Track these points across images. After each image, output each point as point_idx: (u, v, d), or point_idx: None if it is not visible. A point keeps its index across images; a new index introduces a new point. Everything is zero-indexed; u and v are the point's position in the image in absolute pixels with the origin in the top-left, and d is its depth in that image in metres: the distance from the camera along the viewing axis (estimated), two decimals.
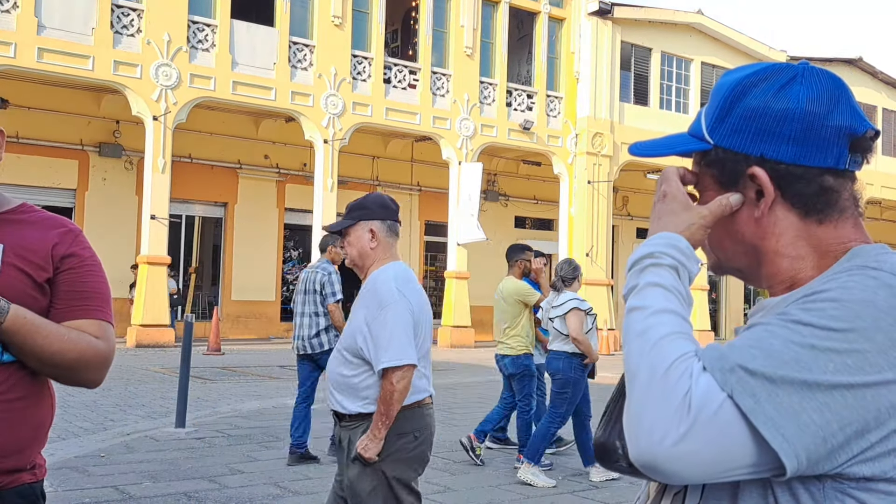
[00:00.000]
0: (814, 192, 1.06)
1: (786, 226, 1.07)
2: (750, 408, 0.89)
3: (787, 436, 0.89)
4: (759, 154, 1.06)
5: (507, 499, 5.87)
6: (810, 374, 0.90)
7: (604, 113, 25.00)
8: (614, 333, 23.64)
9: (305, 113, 20.53)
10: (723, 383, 0.91)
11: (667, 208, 1.11)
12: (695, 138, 1.12)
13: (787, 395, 0.90)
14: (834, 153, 1.06)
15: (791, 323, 0.94)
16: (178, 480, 6.04)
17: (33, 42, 17.20)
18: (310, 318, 7.17)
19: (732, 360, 0.92)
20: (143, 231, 18.64)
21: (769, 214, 1.07)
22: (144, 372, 13.45)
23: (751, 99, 1.06)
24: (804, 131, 1.05)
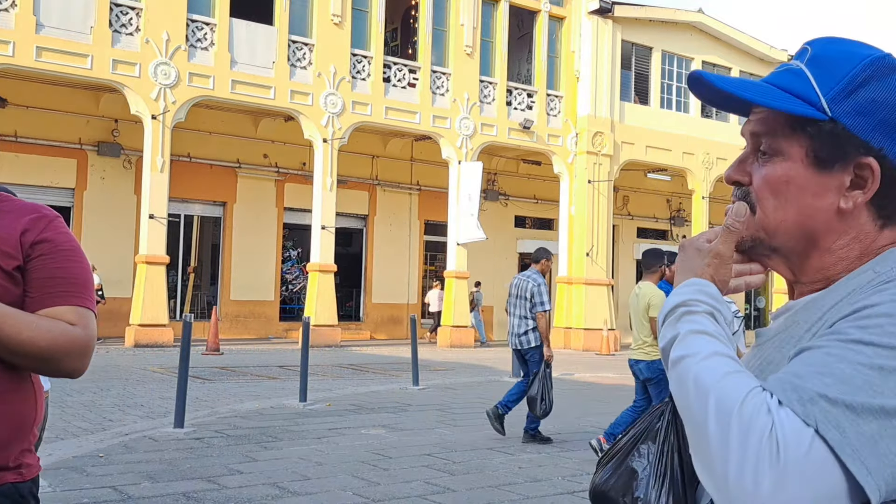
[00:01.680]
0: (894, 195, 1.00)
1: (857, 223, 1.01)
2: (837, 441, 0.82)
3: (869, 468, 0.82)
4: (880, 147, 0.98)
5: (507, 499, 5.84)
6: (884, 398, 0.84)
7: (604, 112, 24.97)
8: (614, 333, 23.61)
9: (305, 112, 20.49)
10: (805, 416, 0.83)
11: (683, 256, 1.08)
12: (800, 100, 1.01)
13: (867, 422, 0.83)
14: None
15: (852, 343, 0.87)
16: (176, 481, 6.01)
17: (32, 41, 17.16)
18: (519, 319, 8.33)
19: (810, 389, 0.85)
20: (142, 230, 18.60)
21: (851, 210, 1.00)
22: (143, 372, 13.42)
23: (882, 86, 0.99)
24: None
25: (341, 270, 22.30)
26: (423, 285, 26.31)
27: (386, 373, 14.66)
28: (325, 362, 16.11)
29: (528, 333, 8.24)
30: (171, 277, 21.29)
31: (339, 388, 11.99)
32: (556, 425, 9.11)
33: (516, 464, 6.99)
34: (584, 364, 18.60)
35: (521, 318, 8.31)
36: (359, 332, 24.20)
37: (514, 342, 8.37)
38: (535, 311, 8.17)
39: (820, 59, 1.02)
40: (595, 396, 12.16)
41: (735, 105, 1.09)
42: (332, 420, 8.93)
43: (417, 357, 12.51)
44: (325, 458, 6.94)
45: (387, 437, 8.06)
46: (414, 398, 11.03)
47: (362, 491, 5.87)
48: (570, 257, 24.66)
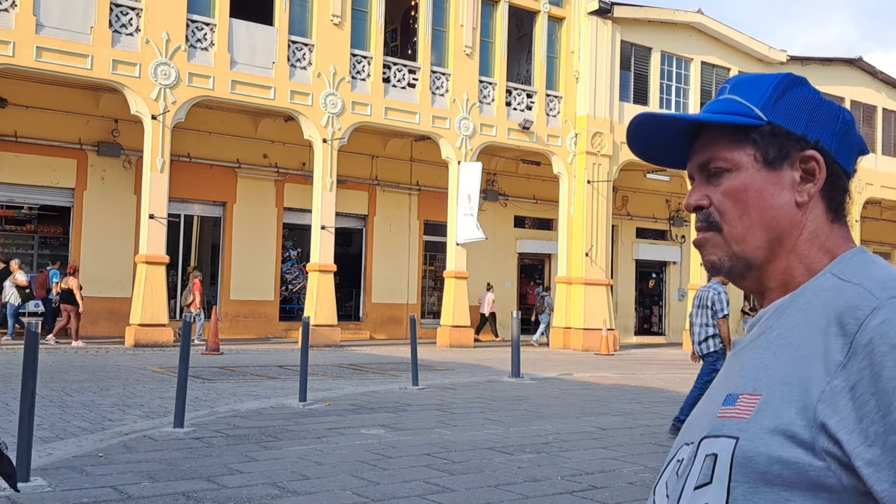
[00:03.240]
0: (842, 190, 1.11)
1: (814, 216, 1.10)
2: None
3: None
4: (817, 139, 1.09)
5: (506, 499, 5.85)
6: None
7: (603, 112, 24.98)
8: (613, 333, 23.62)
9: (304, 112, 20.51)
10: None
11: None
12: (737, 115, 1.12)
13: None
14: (853, 161, 1.12)
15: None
16: (176, 480, 6.02)
17: (32, 41, 17.17)
18: (700, 327, 8.97)
19: None
20: (142, 230, 18.61)
21: (807, 203, 1.09)
22: (143, 372, 13.43)
23: (799, 93, 1.11)
24: (844, 133, 1.11)
25: (341, 270, 22.31)
26: (423, 285, 26.32)
27: (386, 373, 14.67)
28: (325, 362, 16.12)
29: (708, 340, 8.87)
30: (171, 277, 21.30)
31: (339, 388, 12.00)
32: (555, 425, 9.13)
33: (516, 464, 7.00)
34: (584, 364, 18.62)
35: (702, 325, 8.93)
36: (358, 332, 24.21)
37: (696, 349, 9.02)
38: (717, 317, 8.85)
39: (740, 85, 1.15)
40: (594, 396, 12.17)
41: (672, 149, 1.20)
42: (331, 420, 8.94)
43: (417, 357, 12.52)
44: (325, 458, 6.96)
45: (386, 436, 8.08)
46: (414, 398, 11.05)
47: (362, 491, 5.88)
48: (569, 257, 24.67)
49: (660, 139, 1.20)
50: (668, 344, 29.05)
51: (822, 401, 0.95)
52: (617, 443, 8.15)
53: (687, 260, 29.89)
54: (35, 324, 6.01)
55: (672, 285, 31.22)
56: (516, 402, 10.99)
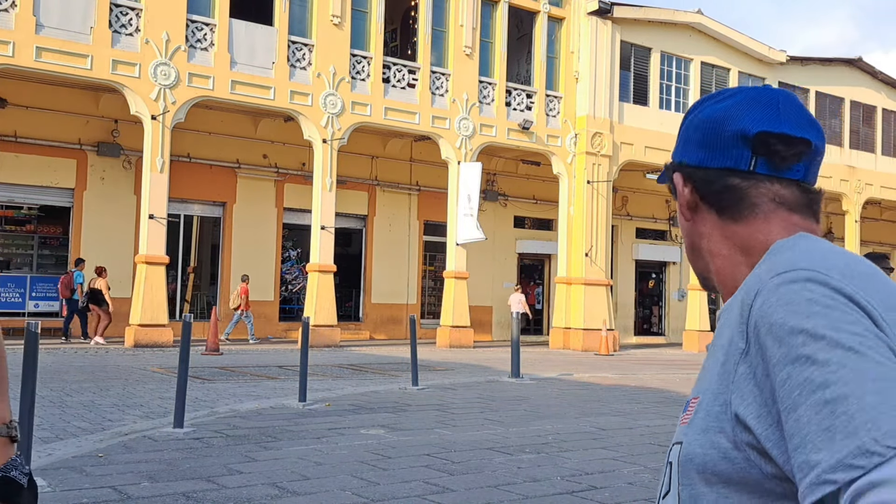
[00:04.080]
0: (718, 190, 1.13)
1: (710, 226, 1.15)
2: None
3: None
4: (680, 160, 1.18)
5: (506, 499, 5.85)
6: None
7: (603, 112, 24.98)
8: (613, 334, 23.62)
9: (304, 112, 20.50)
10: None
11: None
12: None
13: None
14: (732, 155, 1.12)
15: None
16: (176, 481, 6.02)
17: (32, 41, 17.17)
18: None
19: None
20: (142, 230, 18.61)
21: (699, 216, 1.16)
22: (142, 372, 13.43)
23: (688, 118, 1.19)
24: (712, 134, 1.14)
25: (341, 270, 22.31)
26: (423, 285, 26.32)
27: (385, 373, 14.67)
28: (325, 362, 16.12)
29: None
30: (171, 277, 21.30)
31: (339, 388, 12.00)
32: (555, 426, 9.13)
33: (516, 464, 7.00)
34: (584, 364, 18.62)
35: None
36: (358, 332, 24.21)
37: None
38: None
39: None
40: (594, 397, 12.18)
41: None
42: (331, 420, 8.94)
43: (417, 357, 12.52)
44: (325, 458, 6.96)
45: (386, 437, 8.08)
46: (413, 398, 11.05)
47: (361, 491, 5.88)
48: (569, 258, 24.67)
49: None
50: (668, 344, 29.05)
51: (732, 392, 0.97)
52: (617, 443, 8.15)
53: (686, 260, 29.86)
54: (35, 324, 6.00)
55: (672, 285, 31.22)
56: (516, 403, 10.99)
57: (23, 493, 1.71)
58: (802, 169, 1.11)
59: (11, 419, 1.69)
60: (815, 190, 1.13)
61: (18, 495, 1.71)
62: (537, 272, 29.30)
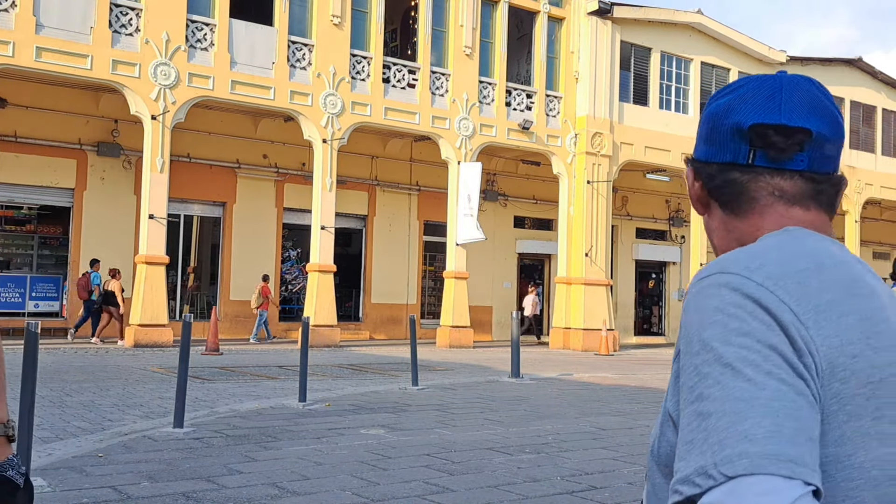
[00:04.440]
0: (720, 185, 1.13)
1: (717, 221, 1.16)
2: None
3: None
4: (689, 157, 1.19)
5: (506, 499, 5.85)
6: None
7: (603, 113, 24.98)
8: (613, 334, 23.62)
9: (304, 112, 20.51)
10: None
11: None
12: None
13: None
14: (731, 149, 1.11)
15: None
16: (176, 480, 6.02)
17: (32, 41, 17.17)
18: None
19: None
20: (142, 231, 18.61)
21: (710, 210, 1.17)
22: (142, 372, 13.43)
23: (705, 111, 1.18)
24: (710, 131, 1.14)
25: (341, 270, 22.31)
26: (423, 285, 26.32)
27: (385, 373, 14.67)
28: (325, 362, 16.12)
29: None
30: (171, 277, 21.30)
31: (339, 388, 12.00)
32: (555, 426, 9.13)
33: (515, 464, 7.00)
34: (584, 364, 18.62)
35: None
36: (358, 333, 24.21)
37: None
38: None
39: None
40: (594, 397, 12.18)
41: None
42: (331, 420, 8.95)
43: (417, 357, 12.52)
44: (325, 458, 6.96)
45: (386, 437, 8.08)
46: (413, 398, 11.05)
47: (361, 491, 5.88)
48: (569, 258, 24.67)
49: None
50: (668, 344, 29.04)
51: (668, 390, 1.01)
52: (617, 443, 8.15)
53: (686, 260, 29.88)
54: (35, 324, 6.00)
55: (672, 285, 31.22)
56: (516, 403, 10.99)
57: (19, 493, 1.70)
58: (806, 158, 1.08)
59: (9, 419, 1.69)
60: (825, 178, 1.10)
61: (14, 495, 1.70)
62: (537, 272, 29.30)
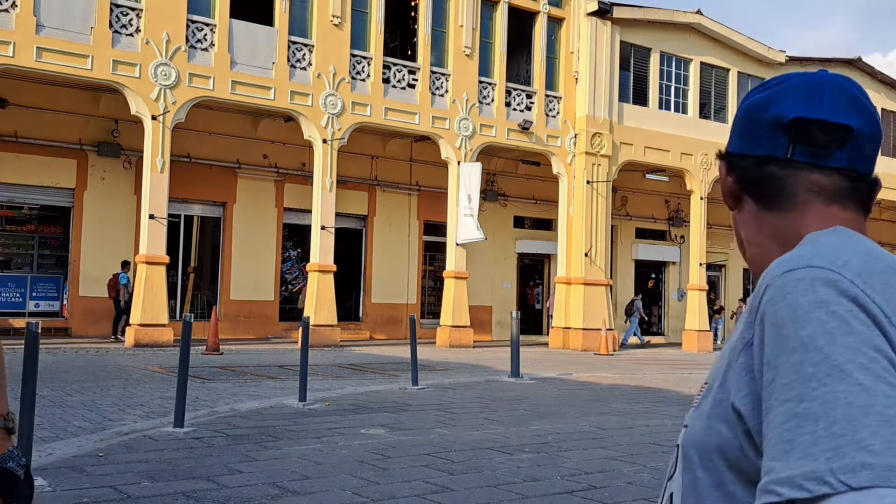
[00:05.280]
0: (755, 178, 1.12)
1: (750, 215, 1.15)
2: None
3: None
4: (724, 150, 1.18)
5: (506, 498, 5.86)
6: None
7: (603, 113, 24.99)
8: (612, 334, 23.64)
9: (304, 112, 20.52)
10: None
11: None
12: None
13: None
14: (770, 142, 1.10)
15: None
16: (176, 480, 6.03)
17: (32, 41, 17.18)
18: None
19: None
20: (142, 231, 18.62)
21: (741, 205, 1.15)
22: (143, 371, 13.44)
23: (741, 106, 1.17)
24: (747, 124, 1.13)
25: (341, 270, 22.32)
26: (423, 285, 26.33)
27: (385, 373, 14.68)
28: (325, 362, 16.13)
29: None
30: (171, 277, 21.30)
31: (339, 388, 12.01)
32: (554, 425, 9.14)
33: (515, 463, 7.01)
34: (583, 364, 18.63)
35: None
36: (358, 332, 24.22)
37: None
38: None
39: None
40: (594, 396, 12.19)
41: None
42: (331, 420, 8.96)
43: (417, 357, 12.54)
44: (325, 458, 6.97)
45: (386, 436, 8.09)
46: (413, 398, 11.06)
47: (361, 490, 5.89)
48: (568, 257, 24.69)
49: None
50: (668, 344, 29.05)
51: (732, 381, 0.97)
52: (616, 443, 8.16)
53: (686, 260, 29.88)
54: (35, 324, 6.01)
55: (671, 285, 31.23)
56: (516, 402, 11.00)
57: (19, 485, 1.73)
58: (845, 157, 1.07)
59: (9, 411, 1.72)
60: (863, 178, 1.09)
61: (15, 486, 1.73)
62: (537, 272, 29.31)
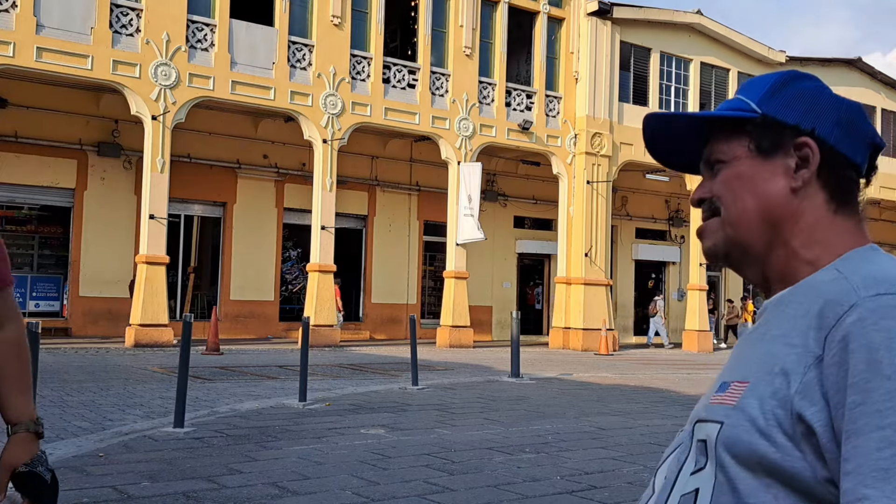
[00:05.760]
0: (847, 179, 1.11)
1: (811, 205, 1.10)
2: None
3: None
4: (812, 127, 1.10)
5: (506, 499, 5.86)
6: None
7: (603, 113, 25.00)
8: (613, 334, 23.64)
9: (304, 113, 20.52)
10: None
11: None
12: (735, 110, 1.16)
13: None
14: (862, 153, 1.12)
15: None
16: (176, 480, 6.03)
17: (32, 41, 17.18)
18: None
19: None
20: (142, 231, 18.62)
21: (802, 189, 1.10)
22: (143, 372, 13.44)
23: (798, 86, 1.13)
24: (850, 122, 1.11)
25: (341, 270, 22.32)
26: (423, 285, 26.34)
27: (385, 373, 14.68)
28: (325, 362, 16.13)
29: None
30: (171, 277, 21.31)
31: (339, 388, 12.01)
32: (555, 425, 9.14)
33: (515, 464, 7.01)
34: (583, 364, 18.64)
35: None
36: (358, 332, 24.22)
37: None
38: None
39: (746, 86, 1.20)
40: (594, 396, 12.19)
41: (692, 154, 1.23)
42: (331, 420, 8.96)
43: (417, 357, 12.54)
44: (325, 458, 6.97)
45: (386, 436, 8.09)
46: (413, 398, 11.06)
47: (362, 490, 5.90)
48: (568, 258, 24.69)
49: (676, 142, 1.24)
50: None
51: (798, 392, 0.96)
52: (616, 443, 8.16)
53: (686, 260, 29.89)
54: (35, 324, 6.01)
55: (671, 286, 31.23)
56: (516, 402, 11.01)
57: (47, 488, 1.77)
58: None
59: (38, 416, 1.80)
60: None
61: (43, 490, 1.77)
62: (537, 272, 29.31)
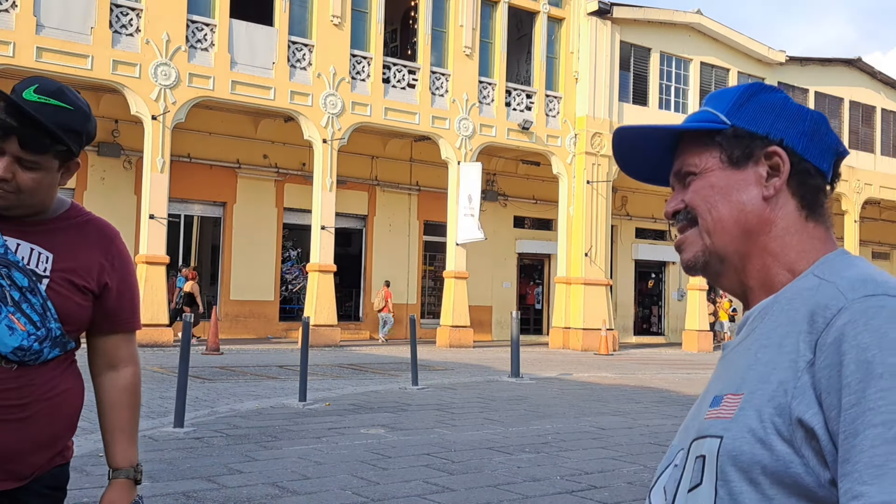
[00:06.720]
0: (814, 188, 1.14)
1: (784, 213, 1.13)
2: None
3: None
4: (780, 137, 1.13)
5: (506, 499, 5.87)
6: None
7: (602, 113, 25.00)
8: (612, 333, 23.64)
9: (304, 112, 20.52)
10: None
11: None
12: (704, 122, 1.19)
13: None
14: (828, 161, 1.15)
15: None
16: (176, 480, 6.03)
17: (32, 41, 17.18)
18: None
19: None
20: (142, 231, 18.63)
21: (774, 197, 1.13)
22: (143, 371, 13.40)
23: (770, 94, 1.17)
24: (816, 132, 1.15)
25: (341, 270, 22.33)
26: (423, 285, 26.34)
27: (385, 373, 14.69)
28: (325, 362, 16.14)
29: None
30: (172, 277, 21.31)
31: (339, 388, 12.02)
32: (554, 425, 9.14)
33: (515, 463, 7.02)
34: (583, 364, 18.64)
35: None
36: (358, 332, 24.23)
37: None
38: None
39: (712, 98, 1.23)
40: (594, 396, 12.19)
41: (662, 167, 1.25)
42: (331, 420, 8.96)
43: (417, 357, 12.54)
44: (325, 458, 6.97)
45: (386, 436, 8.09)
46: (413, 398, 11.06)
47: (361, 490, 5.90)
48: (568, 257, 24.70)
49: (645, 155, 1.26)
50: (667, 344, 29.06)
51: (794, 397, 0.97)
52: (616, 443, 8.17)
53: None
54: None
55: (671, 285, 31.24)
56: (516, 402, 11.01)
57: None
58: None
59: (138, 462, 1.96)
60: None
61: None
62: (537, 272, 29.32)
